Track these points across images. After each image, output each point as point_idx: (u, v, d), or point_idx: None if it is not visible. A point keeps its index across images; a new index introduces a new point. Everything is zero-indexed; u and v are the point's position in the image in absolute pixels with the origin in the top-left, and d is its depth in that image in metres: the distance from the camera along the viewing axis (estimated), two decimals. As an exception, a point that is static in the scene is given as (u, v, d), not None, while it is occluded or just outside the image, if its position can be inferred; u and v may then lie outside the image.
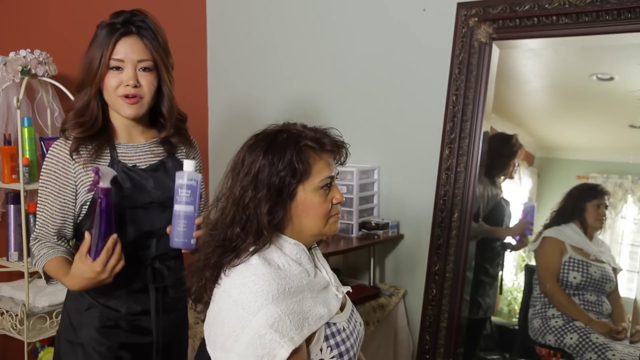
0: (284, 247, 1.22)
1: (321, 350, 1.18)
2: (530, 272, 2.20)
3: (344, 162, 1.28)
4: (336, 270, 2.41)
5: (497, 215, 2.28)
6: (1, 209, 2.38)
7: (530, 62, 2.23)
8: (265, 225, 1.17)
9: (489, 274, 2.29)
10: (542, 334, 2.12)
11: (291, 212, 1.21)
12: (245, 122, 2.89)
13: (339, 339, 1.21)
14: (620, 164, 2.03)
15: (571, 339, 2.05)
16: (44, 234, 1.51)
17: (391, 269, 2.60)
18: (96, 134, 1.50)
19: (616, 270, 2.03)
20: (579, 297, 2.07)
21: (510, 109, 2.27)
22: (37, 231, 1.52)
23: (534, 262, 2.19)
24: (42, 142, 2.28)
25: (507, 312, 2.26)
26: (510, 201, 2.26)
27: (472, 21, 2.22)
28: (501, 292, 2.26)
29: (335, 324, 1.22)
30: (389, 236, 2.49)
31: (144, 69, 1.48)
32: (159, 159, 1.58)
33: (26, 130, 2.20)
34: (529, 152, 2.23)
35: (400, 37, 2.50)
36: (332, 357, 1.19)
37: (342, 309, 1.26)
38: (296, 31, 2.82)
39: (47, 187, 1.50)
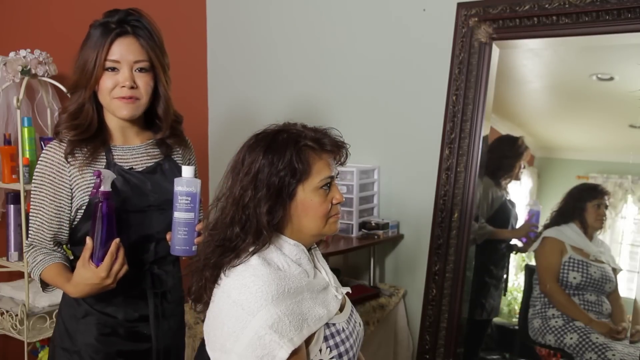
0: (283, 248, 1.22)
1: (320, 350, 1.18)
2: (530, 272, 2.20)
3: (344, 163, 1.28)
4: (336, 270, 2.41)
5: (503, 216, 2.28)
6: (1, 209, 2.38)
7: (530, 62, 2.23)
8: (264, 225, 1.17)
9: (494, 275, 2.29)
10: (542, 334, 2.12)
11: (291, 212, 1.21)
12: (245, 123, 2.88)
13: (338, 339, 1.21)
14: (620, 164, 2.03)
15: (571, 339, 2.05)
16: (39, 240, 1.46)
17: (391, 269, 2.60)
18: (91, 137, 1.46)
19: (616, 270, 2.03)
20: (578, 297, 2.07)
21: (510, 109, 2.27)
22: (32, 237, 1.46)
23: (534, 262, 2.19)
24: (42, 142, 2.28)
25: (507, 312, 2.26)
26: (516, 203, 2.25)
27: (472, 21, 2.22)
28: (505, 294, 2.26)
29: (334, 324, 1.22)
30: (389, 236, 2.49)
31: (140, 70, 1.44)
32: (155, 160, 1.54)
33: (26, 130, 2.20)
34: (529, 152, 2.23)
35: (400, 37, 2.50)
36: (332, 358, 1.19)
37: (341, 309, 1.26)
38: (296, 31, 2.82)
39: (42, 191, 1.44)
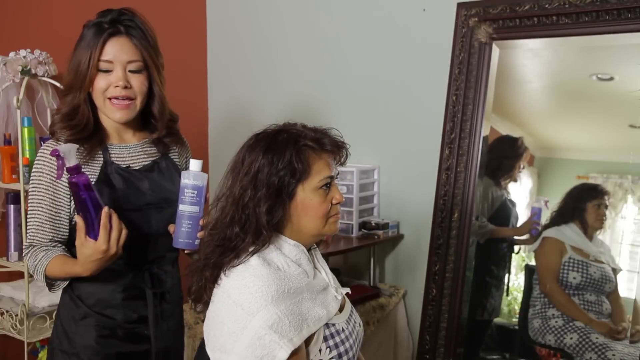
0: (283, 248, 1.22)
1: (320, 350, 1.18)
2: (530, 272, 2.20)
3: (344, 163, 1.28)
4: (336, 270, 2.41)
5: (503, 216, 2.28)
6: (1, 209, 2.38)
7: (530, 62, 2.23)
8: (264, 224, 1.17)
9: (495, 275, 2.29)
10: (542, 334, 2.12)
11: (290, 212, 1.21)
12: (245, 123, 2.89)
13: (338, 339, 1.21)
14: (620, 164, 2.03)
15: (571, 339, 2.05)
16: (38, 240, 1.44)
17: (391, 269, 2.60)
18: (88, 136, 1.45)
19: (616, 270, 2.03)
20: (578, 297, 2.07)
21: (510, 109, 2.27)
22: (31, 237, 1.44)
23: (534, 262, 2.19)
24: (42, 142, 2.28)
25: (507, 312, 2.26)
26: (516, 202, 2.25)
27: (472, 21, 2.22)
28: (507, 294, 2.26)
29: (334, 324, 1.22)
30: (389, 236, 2.49)
31: (134, 70, 1.43)
32: (152, 159, 1.54)
33: (26, 130, 2.20)
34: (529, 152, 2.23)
35: (400, 37, 2.50)
36: (332, 358, 1.19)
37: (341, 309, 1.26)
38: (296, 31, 2.82)
39: (40, 190, 1.43)
